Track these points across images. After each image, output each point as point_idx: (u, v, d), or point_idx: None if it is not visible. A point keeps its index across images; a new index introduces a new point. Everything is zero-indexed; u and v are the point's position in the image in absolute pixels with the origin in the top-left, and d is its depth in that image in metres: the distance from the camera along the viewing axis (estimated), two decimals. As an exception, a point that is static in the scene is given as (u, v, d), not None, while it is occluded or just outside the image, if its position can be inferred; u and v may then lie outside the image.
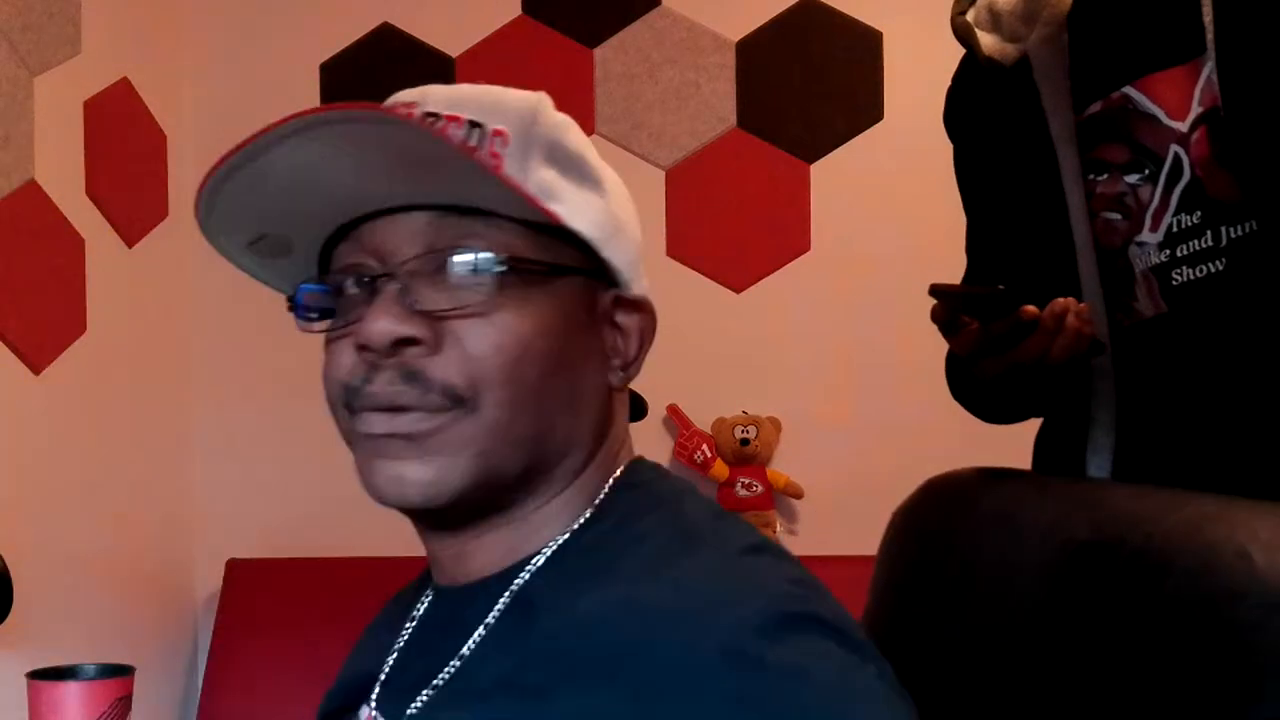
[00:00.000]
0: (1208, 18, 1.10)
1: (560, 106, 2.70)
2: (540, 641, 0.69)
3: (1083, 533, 0.79)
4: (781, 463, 2.68)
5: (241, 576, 2.62)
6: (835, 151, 2.71)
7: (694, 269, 2.73)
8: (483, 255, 0.72)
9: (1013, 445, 1.48)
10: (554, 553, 0.76)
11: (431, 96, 0.83)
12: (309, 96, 2.80)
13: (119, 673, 1.44)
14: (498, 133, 0.76)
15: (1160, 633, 0.69)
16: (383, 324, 0.71)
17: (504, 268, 0.72)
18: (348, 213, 0.76)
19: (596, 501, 0.79)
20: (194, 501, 2.75)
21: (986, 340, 1.10)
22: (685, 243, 2.74)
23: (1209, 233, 1.12)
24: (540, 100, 0.80)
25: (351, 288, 0.75)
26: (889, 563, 1.05)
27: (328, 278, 0.77)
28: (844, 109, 2.71)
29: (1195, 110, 1.12)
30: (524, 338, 0.73)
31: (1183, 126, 1.13)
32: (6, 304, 2.09)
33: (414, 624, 0.84)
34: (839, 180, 2.71)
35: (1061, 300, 1.08)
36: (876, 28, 2.71)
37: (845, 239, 2.70)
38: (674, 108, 2.75)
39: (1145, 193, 1.16)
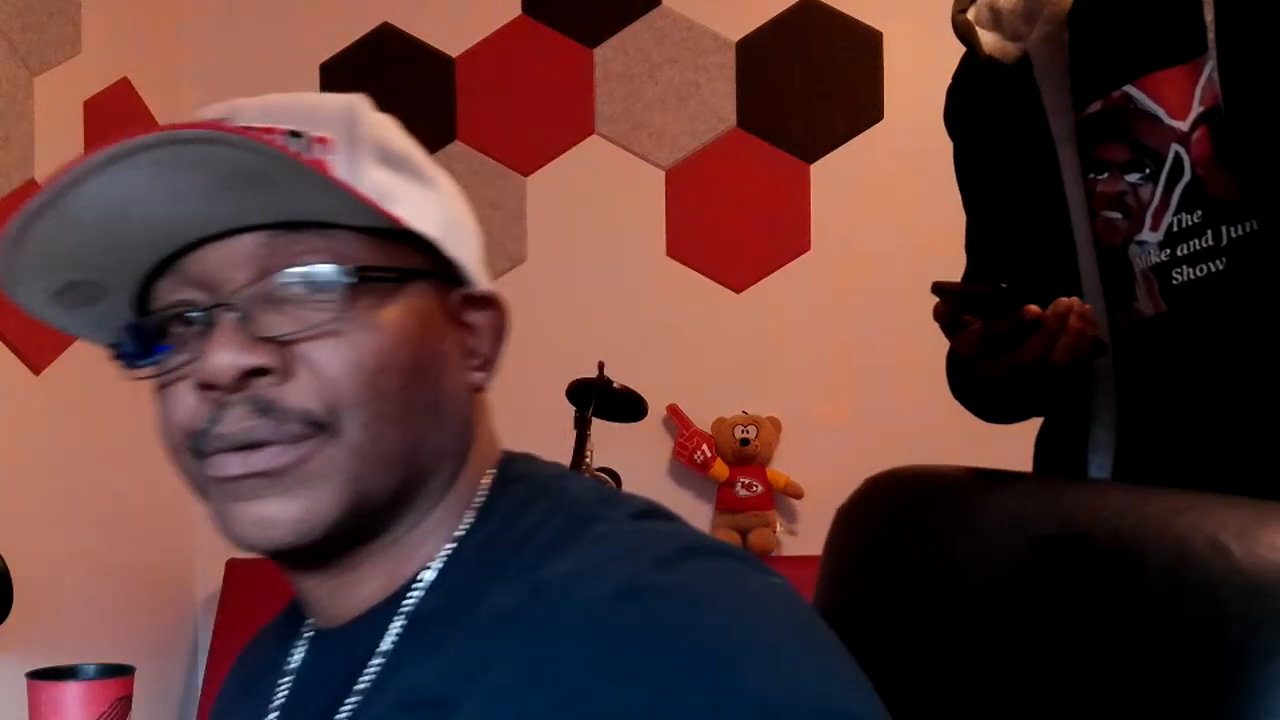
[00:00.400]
0: (1209, 17, 1.10)
1: (560, 106, 2.71)
2: (445, 655, 0.66)
3: (1047, 527, 0.78)
4: (781, 463, 2.68)
5: (241, 576, 2.62)
6: (835, 151, 2.72)
7: (694, 269, 2.73)
8: (325, 269, 0.67)
9: (1013, 445, 1.48)
10: (443, 566, 0.71)
11: (241, 110, 0.76)
12: (309, 96, 2.80)
13: (119, 673, 1.44)
14: (320, 140, 0.72)
15: (1136, 626, 0.69)
16: (225, 357, 0.65)
17: (351, 280, 0.67)
18: (166, 245, 0.69)
19: (476, 505, 0.74)
20: (194, 501, 2.74)
21: (988, 340, 1.10)
22: (685, 243, 2.74)
23: (1209, 232, 1.12)
24: (356, 102, 0.76)
25: (179, 325, 0.69)
26: (833, 560, 1.04)
27: (150, 318, 0.71)
28: (844, 109, 2.71)
29: (1196, 109, 1.12)
30: (381, 351, 0.68)
31: (1183, 126, 1.13)
32: (6, 304, 2.09)
33: (291, 678, 0.77)
34: (839, 180, 2.71)
35: (1065, 300, 1.07)
36: (876, 28, 2.71)
37: (845, 239, 2.70)
38: (674, 108, 2.75)
39: (1146, 192, 1.15)
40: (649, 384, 2.04)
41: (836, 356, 2.68)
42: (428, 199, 0.73)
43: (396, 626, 0.70)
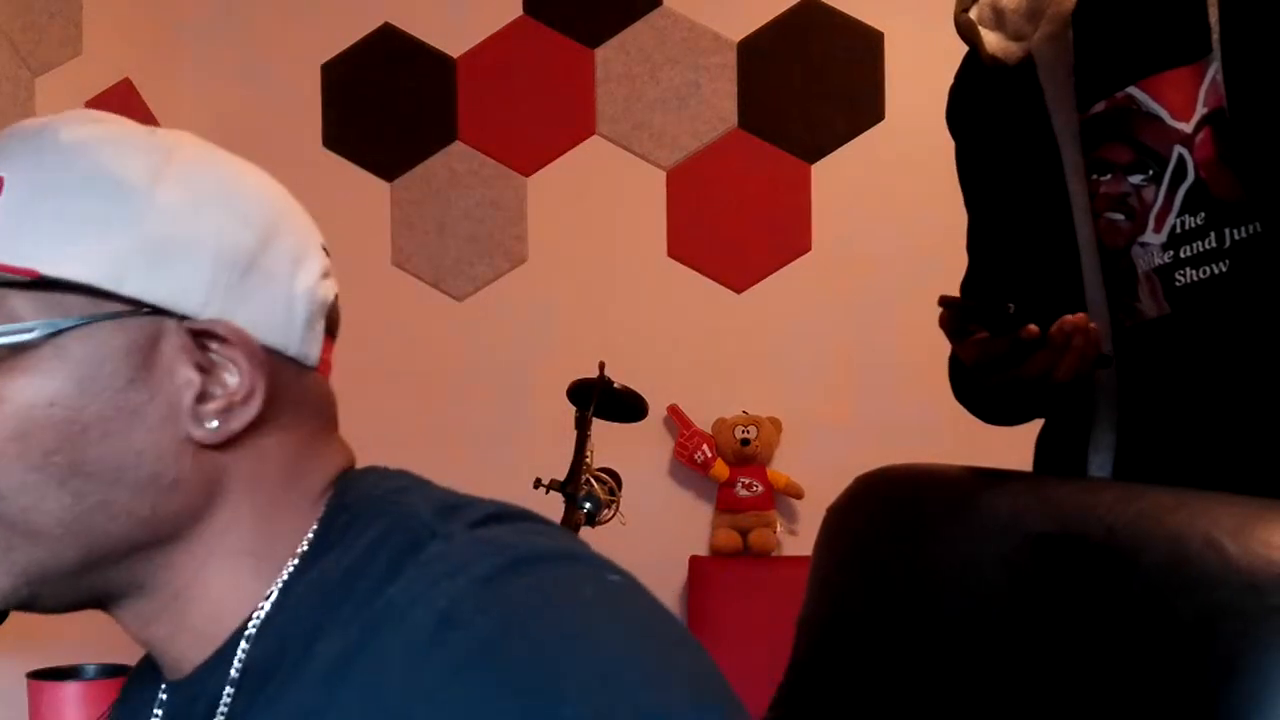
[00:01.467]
0: (1213, 18, 1.10)
1: (561, 106, 2.71)
2: (281, 709, 0.63)
3: (1042, 525, 0.79)
4: (781, 463, 2.68)
5: (242, 576, 2.62)
6: (835, 151, 2.72)
7: (694, 269, 2.73)
8: None
9: (1012, 445, 1.48)
10: (267, 613, 0.66)
11: None
12: (309, 96, 2.80)
13: (119, 673, 1.45)
14: None
15: (1132, 622, 0.69)
16: None
17: None
18: None
19: (307, 540, 0.68)
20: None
21: (990, 355, 1.10)
22: (685, 243, 2.74)
23: (1213, 234, 1.11)
24: (53, 123, 0.67)
25: None
26: (823, 561, 1.04)
27: None
28: (844, 109, 2.72)
29: (1200, 111, 1.12)
30: (20, 413, 0.62)
31: (1187, 127, 1.13)
32: None
33: None
34: (839, 180, 2.71)
35: (1071, 319, 1.07)
36: (877, 28, 2.71)
37: (845, 239, 2.70)
38: (675, 108, 2.75)
39: (1149, 193, 1.15)
40: (649, 384, 2.04)
41: (836, 356, 2.69)
42: (116, 226, 0.64)
43: (231, 680, 0.66)
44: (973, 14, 1.26)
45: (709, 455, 2.65)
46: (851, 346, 2.68)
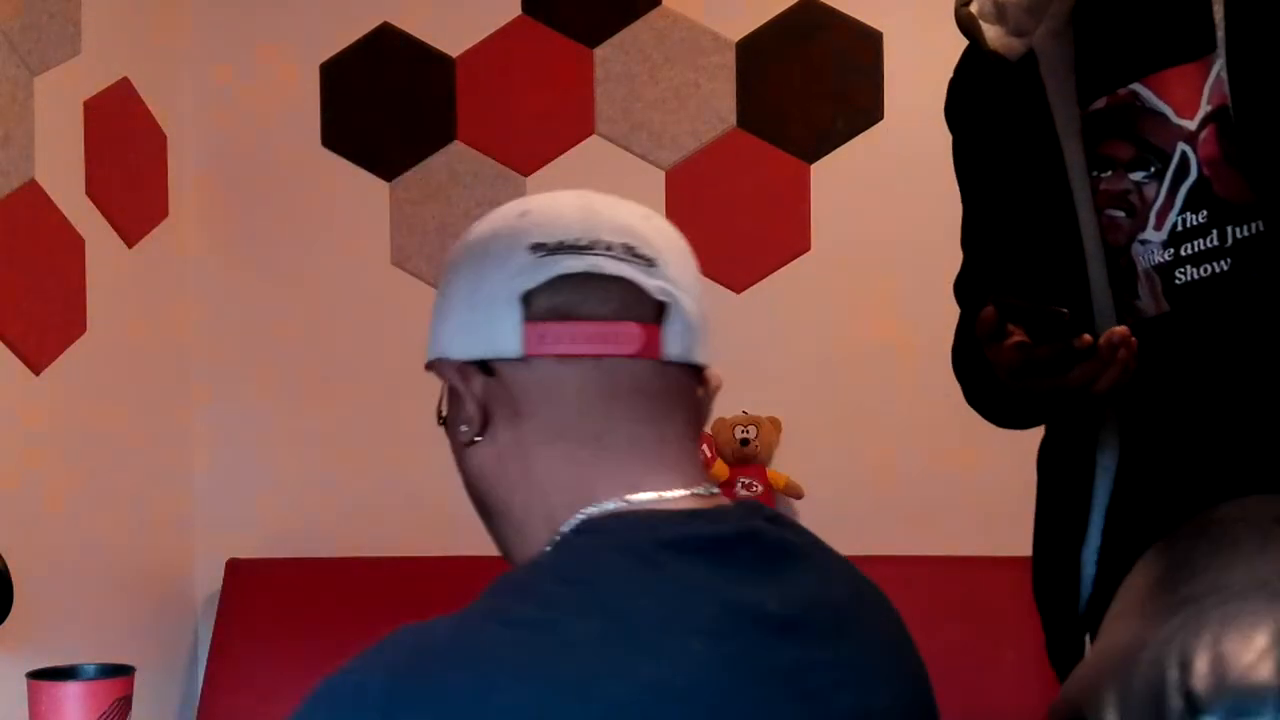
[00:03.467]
0: (1218, 15, 1.09)
1: (560, 106, 2.71)
2: None
3: None
4: (781, 463, 2.68)
5: (241, 576, 2.62)
6: (835, 151, 2.71)
7: (694, 269, 2.73)
8: None
9: (1012, 445, 1.48)
10: None
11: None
12: (309, 96, 2.80)
13: (119, 673, 1.44)
14: None
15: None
16: None
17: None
18: None
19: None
20: (194, 501, 2.75)
21: (1031, 359, 1.07)
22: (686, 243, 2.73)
23: (1214, 232, 1.11)
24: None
25: None
26: None
27: None
28: (844, 109, 2.71)
29: (1204, 108, 1.11)
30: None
31: (1191, 124, 1.12)
32: (6, 304, 2.09)
33: None
34: (839, 180, 2.71)
35: (1119, 331, 1.05)
36: (876, 28, 2.71)
37: (845, 239, 2.70)
38: (674, 108, 2.75)
39: (1150, 190, 1.15)
40: (649, 384, 2.04)
41: (836, 356, 2.68)
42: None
43: None
44: (973, 8, 1.26)
45: (708, 455, 2.65)
46: (851, 346, 2.68)
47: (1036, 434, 1.39)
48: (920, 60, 2.55)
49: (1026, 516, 2.84)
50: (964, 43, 1.31)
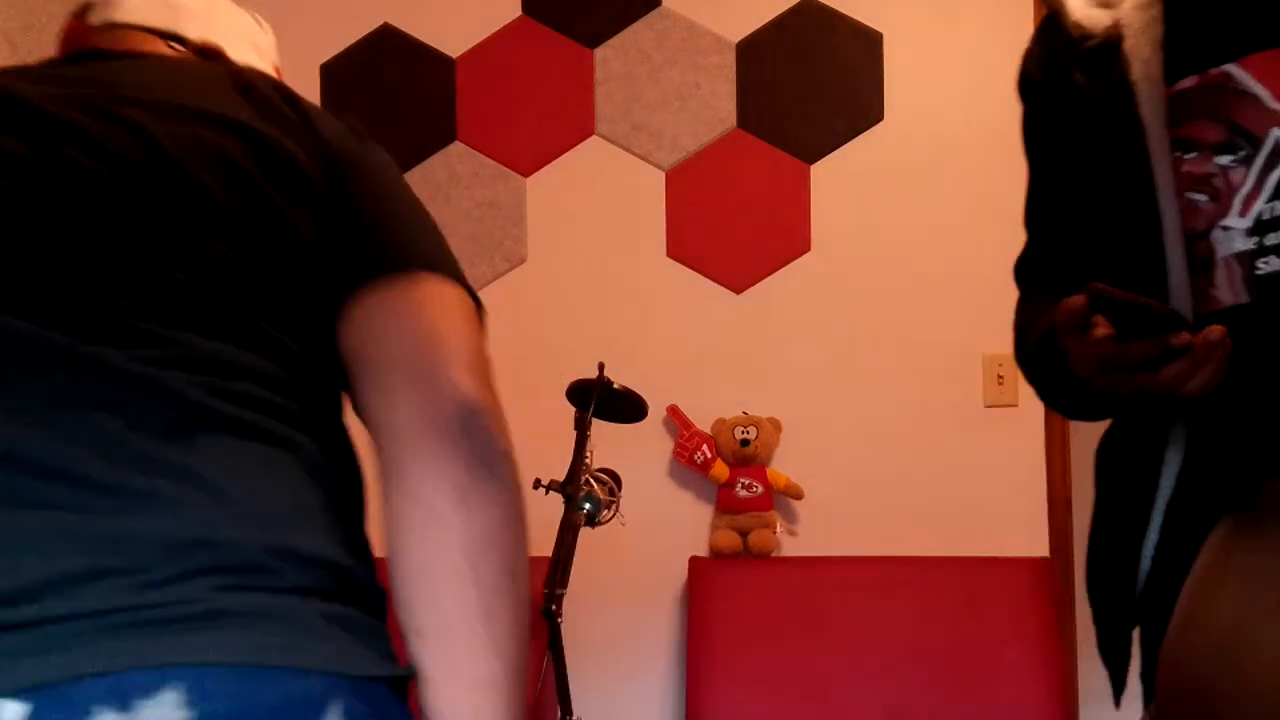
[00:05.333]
0: None
1: (560, 107, 2.72)
2: None
3: None
4: (781, 463, 2.68)
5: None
6: (835, 151, 2.71)
7: (694, 269, 2.73)
8: None
9: (1011, 445, 1.48)
10: None
11: None
12: (309, 96, 2.78)
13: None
14: None
15: None
16: None
17: None
18: None
19: None
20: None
21: (1122, 357, 1.02)
22: (685, 243, 2.74)
23: None
24: None
25: None
26: None
27: None
28: (844, 109, 2.71)
29: None
30: None
31: None
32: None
33: None
34: (839, 180, 2.71)
35: (1216, 331, 1.00)
36: (876, 28, 2.71)
37: (845, 239, 2.70)
38: (674, 108, 2.75)
39: (1237, 175, 1.10)
40: (649, 384, 2.05)
41: (836, 356, 2.68)
42: None
43: None
44: None
45: (709, 455, 2.65)
46: (851, 346, 2.68)
47: (1036, 434, 1.39)
48: (920, 60, 2.56)
49: (1026, 517, 2.85)
50: (965, 45, 1.30)
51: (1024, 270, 1.33)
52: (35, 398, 0.77)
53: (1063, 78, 1.24)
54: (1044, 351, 1.19)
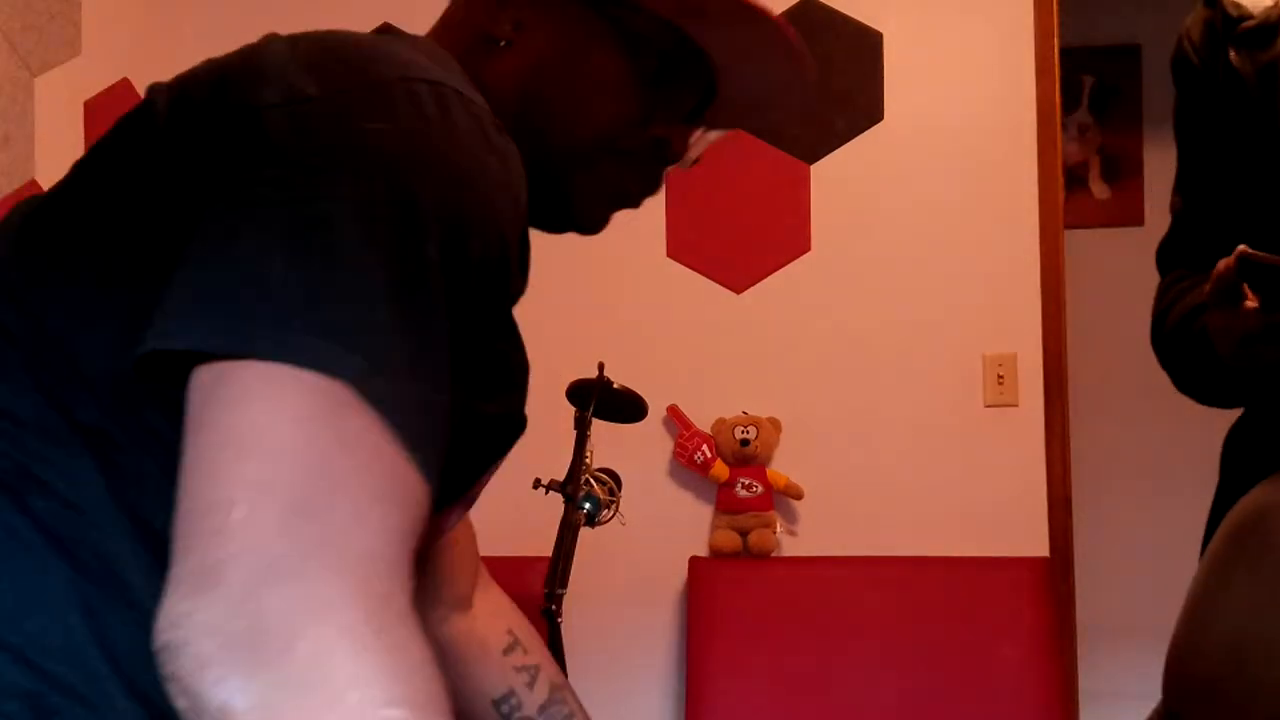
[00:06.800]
0: None
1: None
2: None
3: None
4: (781, 463, 2.68)
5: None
6: (835, 152, 2.71)
7: (694, 269, 2.73)
8: None
9: (1011, 445, 1.48)
10: None
11: None
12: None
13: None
14: None
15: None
16: None
17: None
18: None
19: None
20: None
21: (1271, 327, 0.99)
22: (685, 243, 2.74)
23: None
24: None
25: None
26: None
27: None
28: (844, 109, 2.71)
29: None
30: None
31: None
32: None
33: None
34: (839, 180, 2.71)
35: None
36: (876, 28, 2.71)
37: (845, 239, 2.70)
38: (674, 108, 2.75)
39: None
40: (649, 384, 2.04)
41: (836, 356, 2.68)
42: None
43: None
44: None
45: (708, 456, 2.65)
46: (851, 346, 2.68)
47: (1036, 435, 1.38)
48: (920, 60, 2.56)
49: (1026, 516, 2.84)
50: (965, 45, 1.29)
51: (1166, 255, 1.30)
52: None
53: (1219, 58, 1.21)
54: (1184, 330, 1.17)
